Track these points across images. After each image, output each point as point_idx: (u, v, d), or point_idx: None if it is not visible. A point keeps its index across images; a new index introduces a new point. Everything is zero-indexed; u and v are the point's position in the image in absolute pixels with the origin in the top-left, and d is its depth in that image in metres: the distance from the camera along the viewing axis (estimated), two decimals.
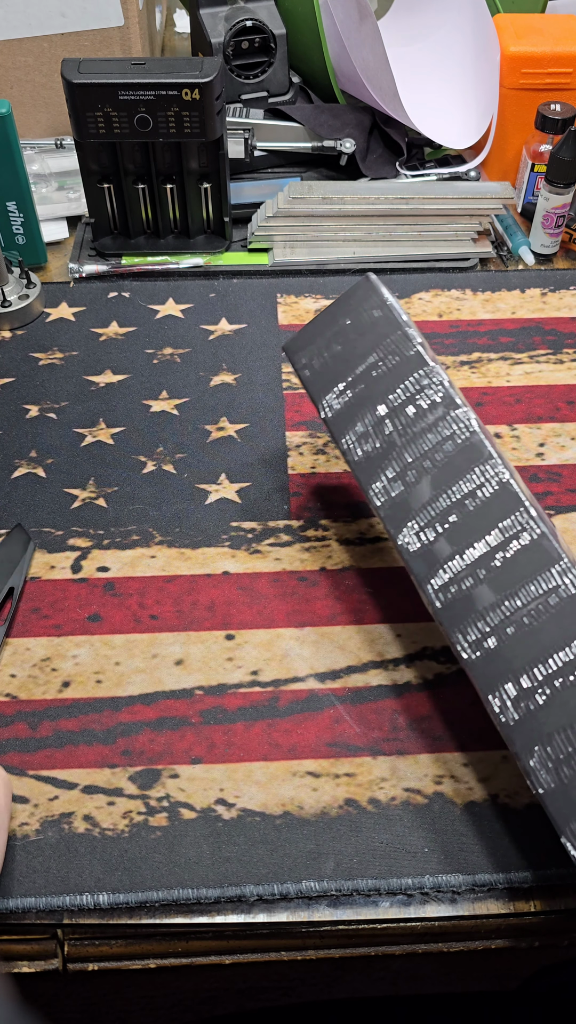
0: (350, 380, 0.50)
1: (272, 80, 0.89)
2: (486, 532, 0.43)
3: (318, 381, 0.52)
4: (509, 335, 0.72)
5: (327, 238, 0.78)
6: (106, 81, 0.67)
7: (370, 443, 0.48)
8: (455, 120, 0.87)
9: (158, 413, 0.66)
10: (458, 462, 0.45)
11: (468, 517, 0.44)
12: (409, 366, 0.49)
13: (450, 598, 0.43)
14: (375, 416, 0.49)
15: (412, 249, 0.78)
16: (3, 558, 0.55)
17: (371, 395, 0.49)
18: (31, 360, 0.70)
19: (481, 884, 0.43)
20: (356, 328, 0.51)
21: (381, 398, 0.49)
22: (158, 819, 0.45)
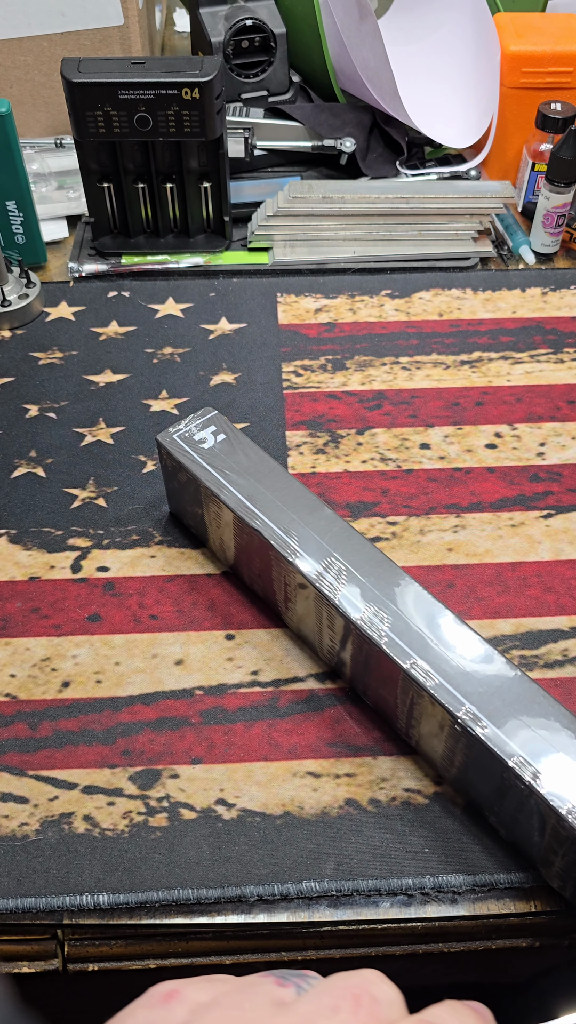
0: None
1: (272, 79, 0.89)
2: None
3: None
4: (509, 334, 0.72)
5: (327, 237, 0.78)
6: (106, 80, 0.67)
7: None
8: (455, 119, 0.87)
9: (158, 413, 0.66)
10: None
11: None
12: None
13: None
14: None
15: (412, 248, 0.78)
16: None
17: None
18: (31, 360, 0.69)
19: (481, 884, 0.43)
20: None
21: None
22: (158, 819, 0.45)
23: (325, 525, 0.48)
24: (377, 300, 0.75)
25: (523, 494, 0.60)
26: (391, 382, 0.68)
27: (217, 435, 0.53)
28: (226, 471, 0.51)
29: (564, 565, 0.56)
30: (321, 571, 0.46)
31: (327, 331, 0.72)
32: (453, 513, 0.59)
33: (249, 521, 0.49)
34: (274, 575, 0.49)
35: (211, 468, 0.51)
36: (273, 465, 0.51)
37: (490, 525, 0.58)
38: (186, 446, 0.52)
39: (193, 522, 0.56)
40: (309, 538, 0.48)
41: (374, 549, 0.48)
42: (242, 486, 0.50)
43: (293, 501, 0.49)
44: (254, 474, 0.51)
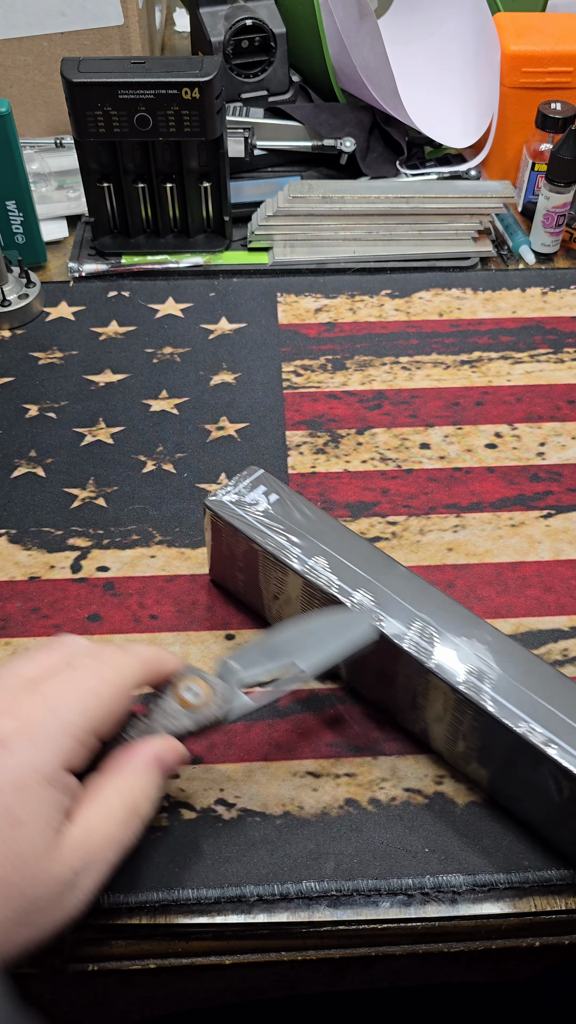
0: None
1: (272, 79, 0.89)
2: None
3: None
4: (510, 334, 0.72)
5: (327, 237, 0.78)
6: (106, 80, 0.67)
7: None
8: (455, 119, 0.87)
9: (158, 412, 0.66)
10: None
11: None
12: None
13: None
14: None
15: (412, 248, 0.78)
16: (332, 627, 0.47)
17: None
18: (30, 359, 0.69)
19: (481, 884, 0.43)
20: None
21: None
22: (158, 819, 0.44)
23: (402, 583, 0.46)
24: (377, 300, 0.75)
25: (523, 494, 0.60)
26: (391, 382, 0.68)
27: (269, 495, 0.50)
28: (287, 534, 0.48)
29: (564, 565, 0.56)
30: (408, 633, 0.44)
31: (327, 331, 0.72)
32: (453, 513, 0.59)
33: (325, 588, 0.45)
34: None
35: (272, 532, 0.48)
36: (333, 523, 0.49)
37: (490, 525, 0.58)
38: (239, 510, 0.49)
39: (244, 588, 0.52)
40: (388, 599, 0.45)
41: (456, 604, 0.45)
42: (307, 549, 0.47)
43: (363, 561, 0.47)
44: (316, 535, 0.48)
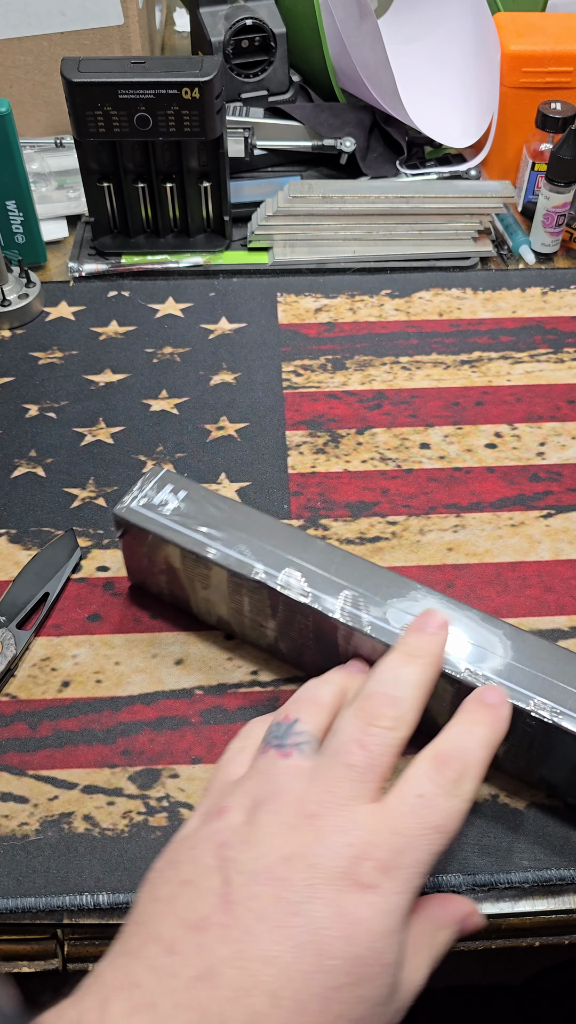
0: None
1: (272, 79, 0.89)
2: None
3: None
4: (510, 334, 0.72)
5: (327, 237, 0.78)
6: (106, 80, 0.67)
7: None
8: (455, 119, 0.87)
9: (158, 412, 0.66)
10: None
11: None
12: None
13: None
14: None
15: (412, 248, 0.78)
16: (46, 562, 0.55)
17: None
18: (30, 359, 0.69)
19: (481, 884, 0.43)
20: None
21: None
22: (158, 819, 0.45)
23: (325, 557, 0.46)
24: (377, 300, 0.75)
25: (523, 494, 0.60)
26: (391, 382, 0.68)
27: (177, 493, 0.49)
28: (202, 528, 0.47)
29: (564, 565, 0.56)
30: (344, 606, 0.44)
31: (327, 331, 0.72)
32: (453, 513, 0.59)
33: (248, 575, 0.46)
34: (283, 622, 0.47)
35: (187, 530, 0.47)
36: (247, 510, 0.49)
37: (490, 525, 0.58)
38: (151, 514, 0.48)
39: (168, 590, 0.52)
40: (313, 574, 0.45)
41: (382, 569, 0.46)
42: (226, 540, 0.47)
43: (283, 542, 0.47)
44: (233, 524, 0.48)
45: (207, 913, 0.32)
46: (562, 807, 0.45)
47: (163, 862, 0.35)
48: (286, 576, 0.45)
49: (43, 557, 0.55)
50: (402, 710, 0.37)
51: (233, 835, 0.34)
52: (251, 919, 0.31)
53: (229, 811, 0.35)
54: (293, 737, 0.37)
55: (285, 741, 0.37)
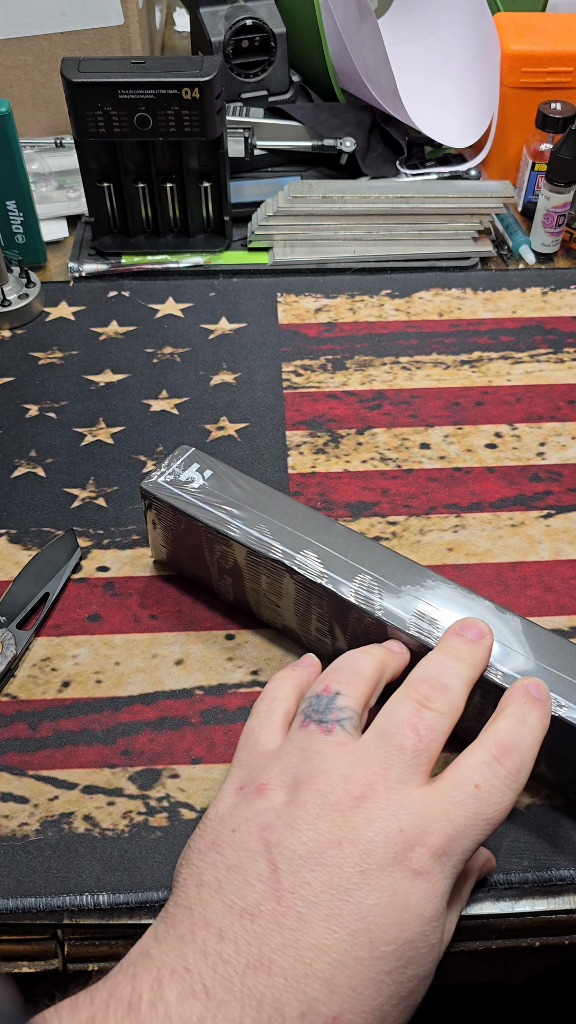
0: None
1: (272, 79, 0.89)
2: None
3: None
4: (510, 334, 0.72)
5: (327, 237, 0.78)
6: (106, 80, 0.67)
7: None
8: (455, 119, 0.87)
9: (158, 412, 0.66)
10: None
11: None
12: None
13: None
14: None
15: (412, 248, 0.78)
16: (46, 562, 0.55)
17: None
18: (31, 359, 0.69)
19: (480, 884, 0.43)
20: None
21: None
22: (158, 819, 0.45)
23: (344, 541, 0.47)
24: (377, 300, 0.75)
25: (523, 494, 0.60)
26: (391, 382, 0.68)
27: (203, 472, 0.50)
28: (226, 507, 0.49)
29: (564, 565, 0.56)
30: (358, 590, 0.45)
31: (327, 331, 0.72)
32: (453, 513, 0.59)
33: (267, 554, 0.47)
34: (298, 602, 0.48)
35: (210, 508, 0.49)
36: (270, 491, 0.50)
37: (490, 525, 0.58)
38: (176, 490, 0.49)
39: (189, 566, 0.53)
40: (331, 557, 0.46)
41: (398, 555, 0.46)
42: (247, 519, 0.48)
43: (303, 524, 0.48)
44: (255, 505, 0.49)
45: (256, 900, 0.32)
46: (563, 807, 0.45)
47: (204, 843, 0.35)
48: (303, 557, 0.46)
49: (43, 557, 0.55)
50: (452, 697, 0.36)
51: (276, 817, 0.33)
52: (302, 906, 0.31)
53: (269, 789, 0.35)
54: (335, 712, 0.36)
55: (327, 716, 0.36)
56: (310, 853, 0.32)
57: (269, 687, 0.41)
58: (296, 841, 0.33)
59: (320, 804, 0.33)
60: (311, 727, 0.36)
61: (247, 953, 0.31)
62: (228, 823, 0.34)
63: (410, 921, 0.32)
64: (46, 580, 0.54)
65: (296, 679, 0.42)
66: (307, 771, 0.34)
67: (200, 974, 0.30)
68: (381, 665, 0.40)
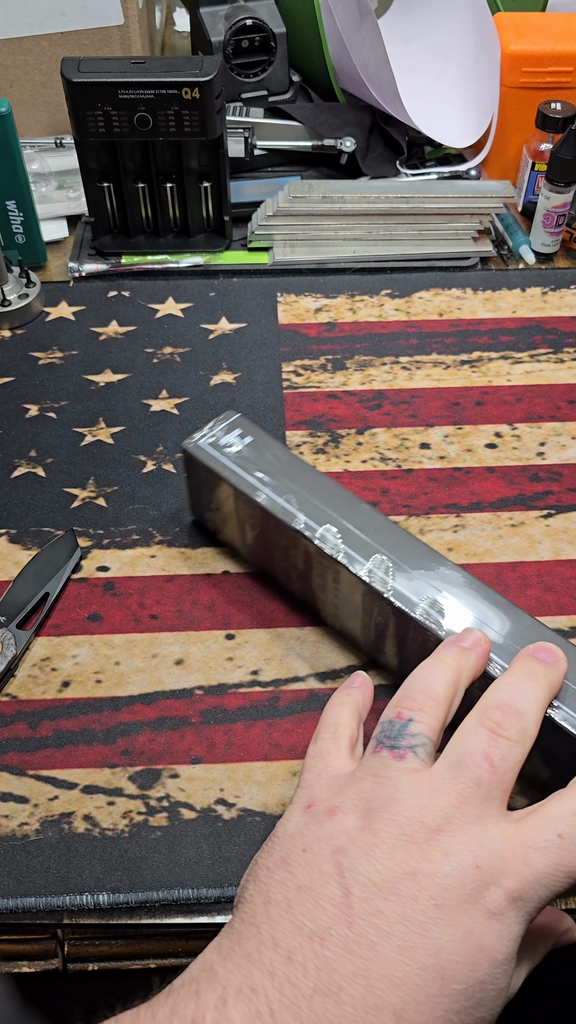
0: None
1: (272, 79, 0.89)
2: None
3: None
4: (510, 334, 0.72)
5: (327, 237, 0.78)
6: (106, 80, 0.67)
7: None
8: (455, 119, 0.87)
9: (158, 412, 0.66)
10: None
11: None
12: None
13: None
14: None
15: (412, 248, 0.78)
16: (46, 562, 0.55)
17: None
18: (30, 359, 0.69)
19: None
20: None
21: None
22: (158, 819, 0.45)
23: (367, 521, 0.48)
24: (377, 300, 0.75)
25: (523, 494, 0.60)
26: (391, 382, 0.68)
27: (244, 438, 0.52)
28: (258, 474, 0.50)
29: (564, 565, 0.56)
30: (370, 568, 0.46)
31: (327, 331, 0.72)
32: (453, 513, 0.59)
33: (288, 522, 0.48)
34: (315, 574, 0.49)
35: (243, 473, 0.50)
36: (304, 465, 0.51)
37: (490, 525, 0.58)
38: (215, 452, 0.51)
39: (221, 527, 0.55)
40: (351, 535, 0.47)
41: (418, 541, 0.47)
42: (277, 487, 0.49)
43: (330, 499, 0.49)
44: (287, 475, 0.50)
45: (327, 924, 0.31)
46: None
47: (272, 860, 0.34)
48: (324, 531, 0.47)
49: (43, 557, 0.55)
50: (526, 723, 0.36)
51: (350, 841, 0.33)
52: (375, 935, 0.31)
53: (341, 812, 0.34)
54: (407, 739, 0.36)
55: (399, 743, 0.36)
56: (385, 882, 0.32)
57: (329, 714, 0.41)
58: (371, 868, 0.32)
59: (396, 834, 0.33)
60: (383, 753, 0.36)
61: (315, 978, 0.30)
62: (298, 842, 0.34)
63: (482, 962, 0.31)
64: (46, 580, 0.54)
65: (354, 704, 0.41)
66: (381, 798, 0.34)
67: (266, 995, 0.30)
68: (456, 677, 0.39)
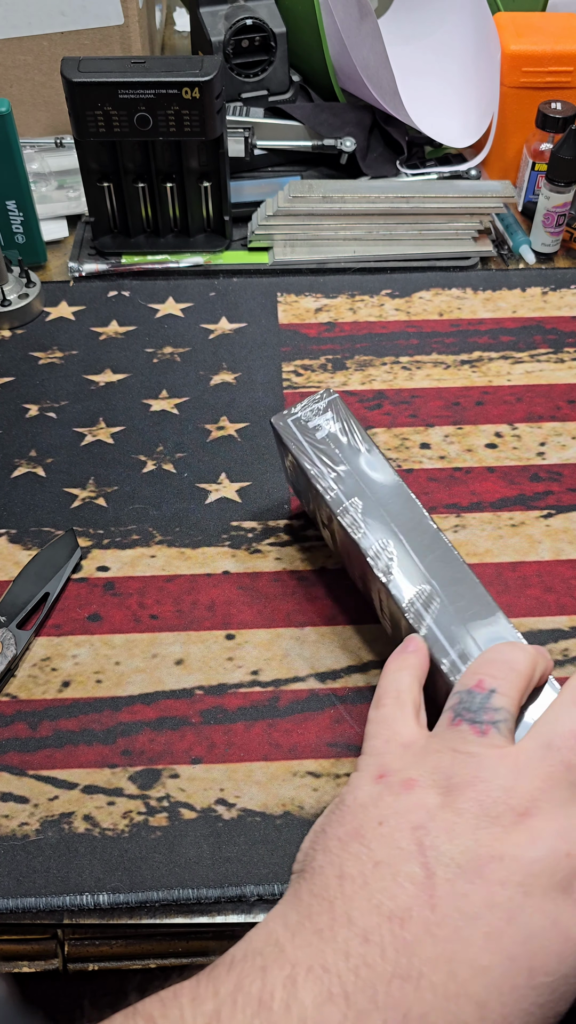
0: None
1: (272, 79, 0.89)
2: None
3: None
4: (510, 334, 0.72)
5: (327, 237, 0.78)
6: (106, 80, 0.67)
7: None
8: (455, 119, 0.87)
9: (158, 412, 0.66)
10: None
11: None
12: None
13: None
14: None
15: (412, 248, 0.78)
16: (46, 562, 0.55)
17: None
18: (31, 359, 0.69)
19: None
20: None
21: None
22: (158, 819, 0.45)
23: (428, 544, 0.46)
24: (377, 300, 0.75)
25: (523, 494, 0.60)
26: (391, 382, 0.68)
27: (335, 423, 0.50)
28: (334, 464, 0.48)
29: (564, 565, 0.55)
30: (412, 598, 0.44)
31: (327, 331, 0.72)
32: (453, 513, 0.59)
33: (351, 532, 0.47)
34: (371, 585, 0.48)
35: (318, 460, 0.49)
36: (384, 463, 0.49)
37: (490, 525, 0.58)
38: (298, 432, 0.50)
39: (305, 503, 0.55)
40: (406, 558, 0.45)
41: (474, 581, 0.45)
42: (347, 486, 0.48)
43: (398, 511, 0.47)
44: (361, 472, 0.48)
45: (408, 904, 0.29)
46: None
47: (344, 831, 0.32)
48: (380, 546, 0.46)
49: (43, 557, 0.55)
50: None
51: (430, 818, 0.31)
52: (459, 919, 0.29)
53: (419, 786, 0.32)
54: (490, 713, 0.34)
55: (481, 717, 0.34)
56: (470, 864, 0.30)
57: (388, 680, 0.39)
58: (454, 848, 0.30)
59: (480, 814, 0.31)
60: (463, 727, 0.34)
61: (394, 961, 0.28)
62: (373, 814, 0.32)
63: (570, 953, 0.29)
64: (46, 580, 0.54)
65: (414, 668, 0.39)
66: (463, 775, 0.32)
67: (340, 977, 0.28)
68: (534, 661, 0.37)
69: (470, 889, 0.29)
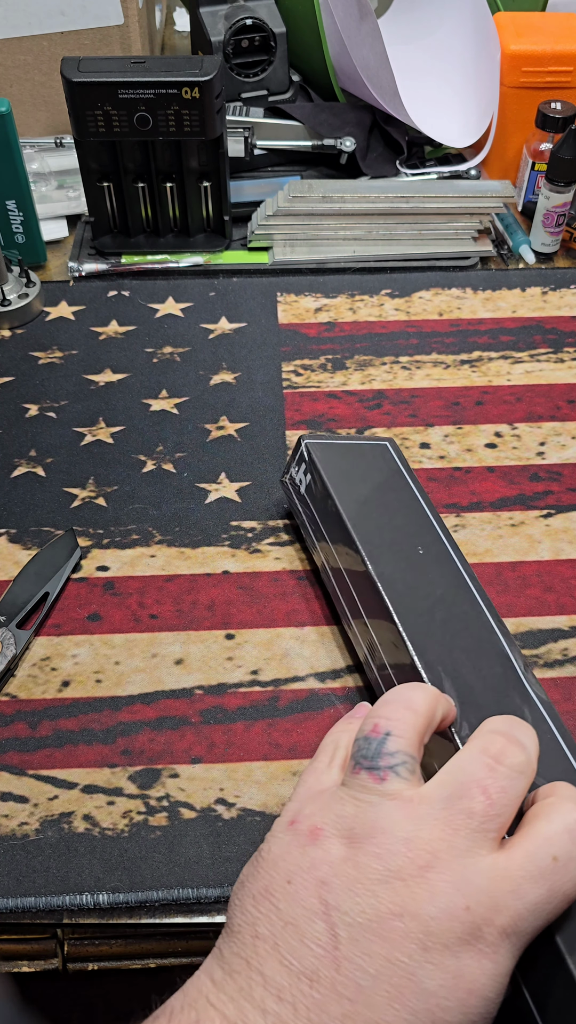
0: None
1: (272, 79, 0.89)
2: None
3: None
4: (510, 334, 0.72)
5: (327, 236, 0.78)
6: (106, 80, 0.67)
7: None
8: (455, 118, 0.87)
9: (158, 412, 0.66)
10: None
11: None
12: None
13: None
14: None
15: (412, 248, 0.78)
16: (46, 561, 0.55)
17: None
18: (30, 359, 0.69)
19: None
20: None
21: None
22: (158, 819, 0.45)
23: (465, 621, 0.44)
24: (377, 300, 0.75)
25: (523, 493, 0.60)
26: (391, 381, 0.68)
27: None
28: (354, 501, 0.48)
29: (564, 565, 0.55)
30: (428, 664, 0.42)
31: (327, 330, 0.72)
32: (453, 513, 0.59)
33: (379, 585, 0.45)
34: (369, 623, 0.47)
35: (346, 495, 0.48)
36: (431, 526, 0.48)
37: (490, 525, 0.58)
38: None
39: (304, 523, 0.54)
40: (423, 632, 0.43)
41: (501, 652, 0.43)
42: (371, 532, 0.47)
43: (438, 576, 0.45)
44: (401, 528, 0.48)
45: (315, 965, 0.30)
46: None
47: (257, 887, 0.33)
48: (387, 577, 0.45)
49: (43, 557, 0.55)
50: (528, 757, 0.33)
51: (334, 874, 0.32)
52: (362, 978, 0.30)
53: (324, 837, 0.33)
54: (386, 758, 0.34)
55: (378, 763, 0.34)
56: (370, 922, 0.30)
57: (329, 739, 0.39)
58: (355, 907, 0.31)
59: (380, 869, 0.31)
60: (362, 774, 0.34)
61: (306, 1018, 0.29)
62: (282, 870, 0.33)
63: (473, 1004, 0.30)
64: (46, 580, 0.54)
65: (355, 732, 0.39)
66: (364, 825, 0.32)
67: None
68: (434, 702, 0.37)
69: (371, 948, 0.30)
